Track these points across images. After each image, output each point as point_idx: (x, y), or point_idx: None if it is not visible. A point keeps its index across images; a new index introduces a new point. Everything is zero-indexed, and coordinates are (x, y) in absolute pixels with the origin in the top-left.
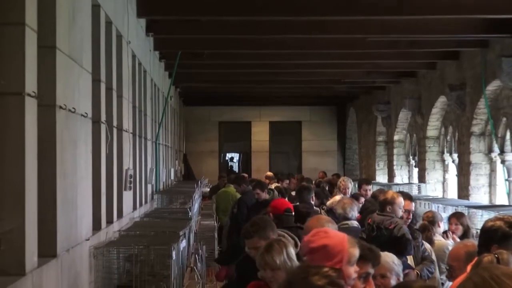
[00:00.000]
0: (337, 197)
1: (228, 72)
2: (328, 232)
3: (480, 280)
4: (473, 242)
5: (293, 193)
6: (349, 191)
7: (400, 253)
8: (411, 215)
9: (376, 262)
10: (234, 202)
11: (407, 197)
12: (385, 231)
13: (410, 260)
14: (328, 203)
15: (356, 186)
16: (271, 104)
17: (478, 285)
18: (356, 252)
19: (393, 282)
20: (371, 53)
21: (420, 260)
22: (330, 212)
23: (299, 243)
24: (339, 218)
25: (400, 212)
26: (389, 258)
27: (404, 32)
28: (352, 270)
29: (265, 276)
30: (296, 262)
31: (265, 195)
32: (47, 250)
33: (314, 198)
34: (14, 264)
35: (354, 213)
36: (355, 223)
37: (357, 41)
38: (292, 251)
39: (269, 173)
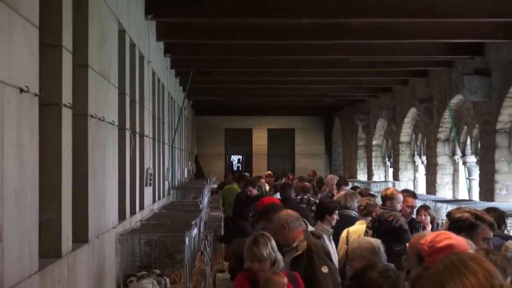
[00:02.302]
0: (342, 192)
1: (233, 87)
2: (449, 234)
3: (449, 262)
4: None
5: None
6: (335, 186)
7: (399, 241)
8: (414, 210)
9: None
10: None
11: (412, 195)
12: (385, 222)
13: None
14: (335, 197)
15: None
16: (269, 114)
17: (448, 267)
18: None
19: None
20: (353, 71)
21: None
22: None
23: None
24: (341, 207)
25: (399, 206)
26: (368, 244)
27: (381, 53)
28: None
29: (253, 267)
30: (278, 254)
31: (255, 192)
32: (80, 236)
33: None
34: (52, 248)
35: (353, 204)
36: (353, 213)
37: (342, 61)
38: (275, 244)
39: (269, 172)
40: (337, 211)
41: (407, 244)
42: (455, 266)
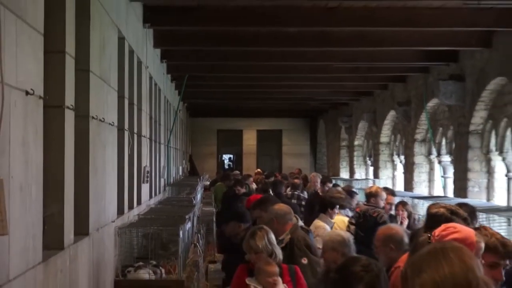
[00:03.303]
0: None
1: (225, 91)
2: (456, 227)
3: (432, 250)
4: (397, 227)
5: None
6: (318, 184)
7: None
8: (393, 206)
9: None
10: None
11: (391, 193)
12: (370, 218)
13: None
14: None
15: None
16: (258, 116)
17: (429, 253)
18: (482, 245)
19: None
20: (337, 76)
21: None
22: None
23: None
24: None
25: (382, 203)
26: (339, 237)
27: (363, 60)
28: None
29: (251, 259)
30: (276, 246)
31: (243, 190)
32: (81, 229)
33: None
34: (55, 240)
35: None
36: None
37: (327, 67)
38: (273, 237)
39: (258, 170)
40: (338, 206)
41: None
42: (435, 254)
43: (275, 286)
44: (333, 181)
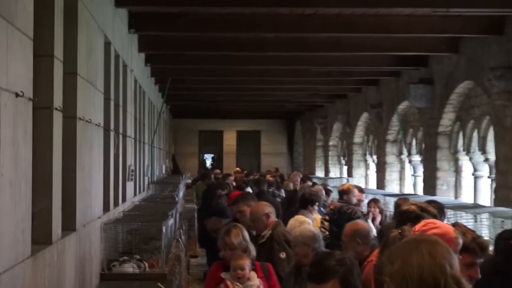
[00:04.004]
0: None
1: (206, 93)
2: (436, 223)
3: (408, 241)
4: (363, 223)
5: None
6: (298, 182)
7: None
8: (361, 203)
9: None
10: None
11: (360, 190)
12: (344, 214)
13: None
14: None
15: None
16: (238, 118)
17: (404, 244)
18: (460, 241)
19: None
20: (313, 80)
21: None
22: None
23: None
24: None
25: (354, 200)
26: (310, 232)
27: (337, 64)
28: (457, 259)
29: (225, 255)
30: (250, 243)
31: (224, 192)
32: (69, 225)
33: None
34: (43, 235)
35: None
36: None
37: (303, 71)
38: (247, 234)
39: (237, 169)
40: (317, 203)
41: None
42: (409, 245)
43: (247, 279)
44: (313, 180)
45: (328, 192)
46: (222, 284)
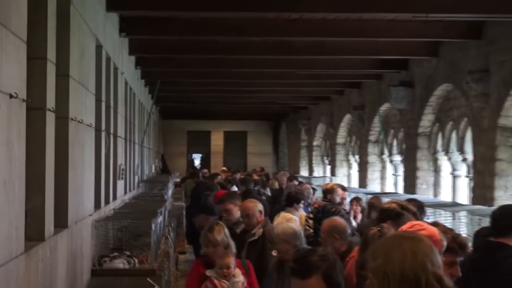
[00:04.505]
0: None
1: (195, 95)
2: (422, 225)
3: (392, 238)
4: (340, 219)
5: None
6: (285, 181)
7: None
8: (344, 201)
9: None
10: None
11: (342, 188)
12: (328, 213)
13: None
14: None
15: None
16: (225, 119)
17: (389, 239)
18: (445, 243)
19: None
20: (298, 82)
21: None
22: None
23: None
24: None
25: (338, 199)
26: (291, 230)
27: (321, 67)
28: (440, 258)
29: (208, 252)
30: (231, 240)
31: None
32: (61, 222)
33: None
34: (36, 232)
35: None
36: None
37: (288, 74)
38: (227, 231)
39: (224, 168)
40: (303, 201)
41: None
42: (392, 242)
43: (232, 277)
44: (299, 179)
45: (312, 190)
46: (208, 281)
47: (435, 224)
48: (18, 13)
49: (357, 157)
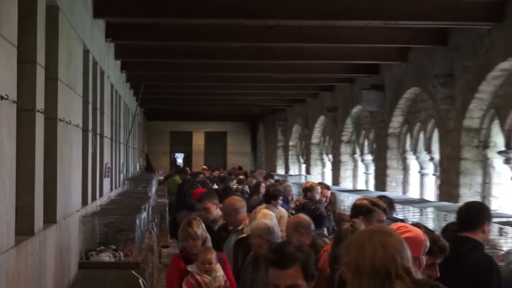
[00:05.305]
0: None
1: (177, 97)
2: (408, 227)
3: (362, 233)
4: (304, 216)
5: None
6: (261, 179)
7: (318, 226)
8: (328, 199)
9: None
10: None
11: (326, 187)
12: (309, 210)
13: (325, 230)
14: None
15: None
16: (206, 120)
17: (361, 234)
18: (428, 244)
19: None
20: (275, 86)
21: (332, 230)
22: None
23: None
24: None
25: (317, 196)
26: (265, 225)
27: (297, 72)
28: (424, 259)
29: (187, 246)
30: (208, 234)
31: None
32: (50, 217)
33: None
34: (26, 227)
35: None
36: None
37: (266, 78)
38: (204, 226)
39: (204, 167)
40: (281, 197)
41: (324, 228)
42: (363, 237)
43: (213, 272)
44: (275, 177)
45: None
46: (190, 276)
47: (417, 225)
48: (9, 19)
49: (330, 156)
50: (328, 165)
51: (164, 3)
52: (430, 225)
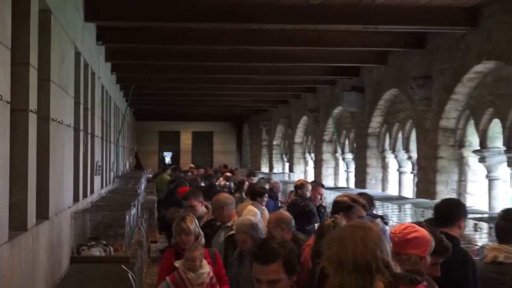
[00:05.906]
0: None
1: (166, 98)
2: (415, 227)
3: (344, 229)
4: (285, 212)
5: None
6: (244, 177)
7: (308, 222)
8: (322, 196)
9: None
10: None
11: (320, 185)
12: (299, 207)
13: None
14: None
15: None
16: (193, 120)
17: (343, 229)
18: (433, 244)
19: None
20: (259, 87)
21: None
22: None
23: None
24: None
25: (308, 193)
26: (249, 221)
27: (280, 74)
28: (429, 259)
29: (180, 241)
30: (201, 230)
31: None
32: (42, 214)
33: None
34: (20, 223)
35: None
36: None
37: (250, 79)
38: (197, 222)
39: (192, 165)
40: (266, 195)
41: (315, 224)
42: (344, 232)
43: (199, 268)
44: (256, 175)
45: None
46: (176, 272)
47: (421, 225)
48: (3, 22)
49: (313, 155)
50: (311, 164)
51: (152, 8)
52: (408, 220)
